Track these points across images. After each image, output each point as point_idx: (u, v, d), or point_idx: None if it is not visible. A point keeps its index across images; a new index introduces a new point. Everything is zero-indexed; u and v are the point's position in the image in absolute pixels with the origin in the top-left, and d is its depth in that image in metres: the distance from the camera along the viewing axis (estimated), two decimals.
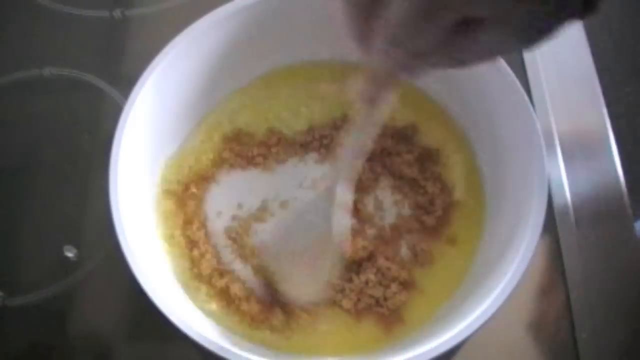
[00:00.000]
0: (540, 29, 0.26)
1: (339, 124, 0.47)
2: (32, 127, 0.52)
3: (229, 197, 0.45)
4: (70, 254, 0.46)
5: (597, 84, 0.52)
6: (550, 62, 0.52)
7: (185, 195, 0.45)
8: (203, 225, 0.44)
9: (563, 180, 0.47)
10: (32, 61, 0.54)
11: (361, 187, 0.44)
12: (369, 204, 0.45)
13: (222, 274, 0.42)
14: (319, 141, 0.47)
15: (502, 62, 0.41)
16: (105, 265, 0.45)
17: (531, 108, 0.40)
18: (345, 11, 0.29)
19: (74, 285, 0.45)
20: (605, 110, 0.50)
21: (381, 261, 0.42)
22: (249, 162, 0.46)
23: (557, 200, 0.46)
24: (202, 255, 0.42)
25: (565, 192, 0.47)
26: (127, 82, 0.42)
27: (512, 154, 0.41)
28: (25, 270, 0.46)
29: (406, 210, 0.44)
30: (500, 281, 0.35)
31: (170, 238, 0.43)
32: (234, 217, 0.45)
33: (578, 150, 0.49)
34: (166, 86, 0.43)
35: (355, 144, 0.35)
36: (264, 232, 0.43)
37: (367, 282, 0.41)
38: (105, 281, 0.45)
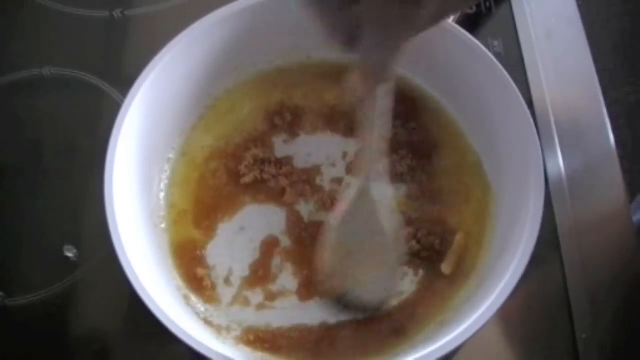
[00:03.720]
0: None
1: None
2: (32, 127, 0.52)
3: None
4: (70, 254, 0.46)
5: (597, 84, 0.52)
6: (550, 62, 0.52)
7: (186, 194, 0.45)
8: (210, 226, 0.44)
9: (563, 179, 0.47)
10: (32, 61, 0.54)
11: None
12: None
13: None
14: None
15: (497, 64, 0.42)
16: (105, 265, 0.45)
17: (526, 107, 0.40)
18: (316, 14, 0.32)
19: (74, 285, 0.45)
20: (605, 110, 0.50)
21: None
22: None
23: (556, 200, 0.46)
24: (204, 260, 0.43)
25: (565, 192, 0.47)
26: (126, 82, 0.42)
27: (510, 156, 0.42)
28: (25, 270, 0.46)
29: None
30: (499, 282, 0.35)
31: (172, 238, 0.43)
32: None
33: (578, 149, 0.49)
34: (165, 86, 0.43)
35: (373, 139, 0.36)
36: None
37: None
38: (105, 281, 0.45)
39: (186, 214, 0.44)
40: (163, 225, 0.44)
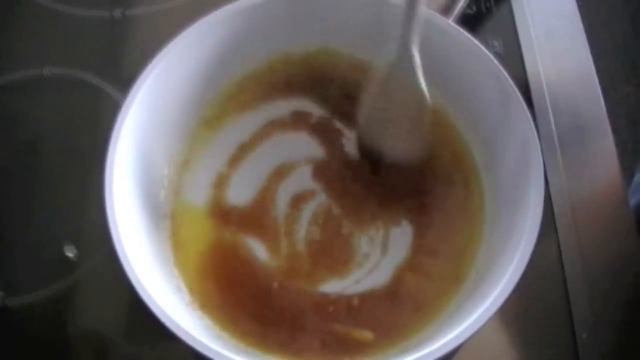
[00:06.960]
0: None
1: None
2: (32, 127, 0.52)
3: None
4: (70, 254, 0.46)
5: (597, 84, 0.52)
6: (550, 62, 0.52)
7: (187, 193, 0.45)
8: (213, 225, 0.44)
9: (563, 179, 0.47)
10: (32, 61, 0.54)
11: None
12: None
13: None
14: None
15: (497, 64, 0.42)
16: (105, 265, 0.45)
17: (526, 107, 0.40)
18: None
19: (74, 285, 0.45)
20: (605, 110, 0.50)
21: None
22: None
23: (556, 202, 0.46)
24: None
25: (565, 192, 0.47)
26: (127, 82, 0.42)
27: (509, 156, 0.41)
28: (25, 270, 0.46)
29: None
30: (499, 282, 0.35)
31: (173, 238, 0.43)
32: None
33: (578, 150, 0.49)
34: (165, 86, 0.43)
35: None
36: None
37: None
38: (105, 281, 0.45)
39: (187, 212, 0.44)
40: (164, 225, 0.44)
